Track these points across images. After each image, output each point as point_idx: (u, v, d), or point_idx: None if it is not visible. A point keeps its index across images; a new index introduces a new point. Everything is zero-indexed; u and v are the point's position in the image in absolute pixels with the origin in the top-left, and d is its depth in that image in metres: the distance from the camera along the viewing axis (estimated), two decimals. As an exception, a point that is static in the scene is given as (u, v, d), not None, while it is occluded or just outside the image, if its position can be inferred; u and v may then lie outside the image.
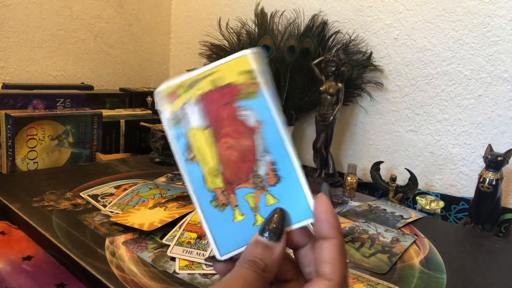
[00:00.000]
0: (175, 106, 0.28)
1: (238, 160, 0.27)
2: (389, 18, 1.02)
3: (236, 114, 0.27)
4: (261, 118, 0.27)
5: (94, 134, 0.97)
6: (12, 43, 1.13)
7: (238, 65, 0.27)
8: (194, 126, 0.28)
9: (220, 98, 0.27)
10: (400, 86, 1.02)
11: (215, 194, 0.28)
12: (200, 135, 0.28)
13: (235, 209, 0.27)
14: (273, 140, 0.27)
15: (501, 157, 0.76)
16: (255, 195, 0.27)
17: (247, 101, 0.27)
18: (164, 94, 0.29)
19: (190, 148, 0.28)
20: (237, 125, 0.27)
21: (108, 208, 0.69)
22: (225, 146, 0.27)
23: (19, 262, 0.56)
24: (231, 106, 0.27)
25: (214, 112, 0.27)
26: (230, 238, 0.27)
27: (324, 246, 0.25)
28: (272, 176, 0.27)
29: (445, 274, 0.58)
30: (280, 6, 1.18)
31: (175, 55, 1.54)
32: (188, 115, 0.28)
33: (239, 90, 0.27)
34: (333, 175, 1.00)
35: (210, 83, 0.28)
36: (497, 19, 0.87)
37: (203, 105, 0.28)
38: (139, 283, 0.49)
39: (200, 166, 0.28)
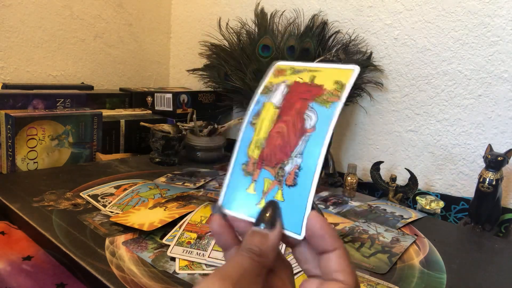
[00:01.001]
0: (275, 80, 0.32)
1: (278, 147, 0.29)
2: (389, 18, 1.02)
3: (304, 111, 0.30)
4: (317, 126, 0.29)
5: (94, 134, 0.97)
6: (12, 43, 1.13)
7: (340, 74, 0.30)
8: (272, 101, 0.31)
9: (305, 92, 0.30)
10: (400, 86, 1.02)
11: (248, 160, 0.30)
12: (271, 110, 0.31)
13: (253, 182, 0.30)
14: (312, 149, 0.28)
15: (501, 157, 0.76)
16: (271, 183, 0.29)
17: (320, 106, 0.29)
18: (278, 68, 0.33)
19: (258, 115, 0.31)
20: (298, 120, 0.29)
21: (108, 208, 0.69)
22: (278, 130, 0.30)
23: (19, 262, 0.56)
24: (306, 102, 0.30)
25: (292, 100, 0.30)
26: (235, 200, 0.30)
27: (331, 257, 0.27)
28: (292, 177, 0.29)
29: (445, 274, 0.58)
30: (280, 6, 1.18)
31: (175, 55, 1.54)
32: (276, 91, 0.31)
33: (322, 93, 0.30)
34: (333, 175, 1.00)
35: (309, 77, 0.31)
36: (497, 19, 0.87)
37: (290, 89, 0.31)
38: (139, 283, 0.49)
39: (254, 132, 0.31)
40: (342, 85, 0.29)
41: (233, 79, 1.12)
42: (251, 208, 0.29)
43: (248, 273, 0.25)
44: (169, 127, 1.02)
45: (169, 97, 1.22)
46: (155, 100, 1.23)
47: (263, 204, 0.29)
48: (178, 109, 1.23)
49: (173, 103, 1.22)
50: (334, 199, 0.85)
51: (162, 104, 1.22)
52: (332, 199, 0.85)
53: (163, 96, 1.22)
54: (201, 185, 0.85)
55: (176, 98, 1.22)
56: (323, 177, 0.99)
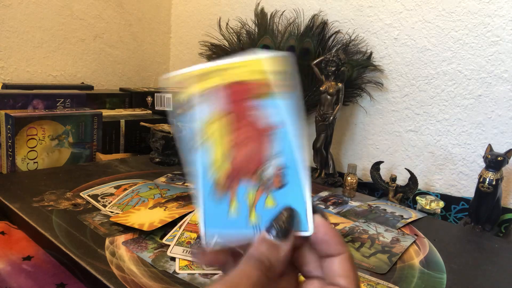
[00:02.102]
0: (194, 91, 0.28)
1: (250, 155, 0.27)
2: (389, 18, 1.02)
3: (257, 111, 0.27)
4: (276, 120, 0.27)
5: (94, 134, 0.97)
6: (12, 43, 1.13)
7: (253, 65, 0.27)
8: (210, 112, 0.28)
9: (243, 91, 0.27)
10: (400, 86, 1.02)
11: (216, 182, 0.28)
12: (216, 121, 0.28)
13: (232, 202, 0.27)
14: (285, 144, 0.27)
15: (501, 157, 0.76)
16: (256, 193, 0.27)
17: (261, 100, 0.27)
18: (181, 79, 0.29)
19: (202, 132, 0.28)
20: (249, 122, 0.27)
21: (108, 208, 0.69)
22: (239, 137, 0.27)
23: (19, 262, 0.56)
24: (253, 101, 0.27)
25: (234, 103, 0.27)
26: (220, 227, 0.27)
27: (335, 261, 0.26)
28: (277, 180, 0.27)
29: (445, 274, 0.58)
30: (280, 6, 1.18)
31: (175, 55, 1.54)
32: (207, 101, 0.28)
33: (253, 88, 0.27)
34: (333, 175, 1.00)
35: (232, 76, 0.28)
36: (497, 19, 0.87)
37: (224, 93, 0.28)
38: (139, 283, 0.49)
39: (209, 153, 0.28)
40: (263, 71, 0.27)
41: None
42: (242, 227, 0.27)
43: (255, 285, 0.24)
44: (169, 127, 1.02)
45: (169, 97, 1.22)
46: (155, 100, 1.23)
47: (254, 217, 0.27)
48: (178, 109, 1.23)
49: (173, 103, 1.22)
50: (334, 199, 0.85)
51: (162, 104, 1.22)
52: (332, 199, 0.85)
53: (163, 96, 1.22)
54: (201, 185, 0.85)
55: (176, 98, 1.22)
56: (323, 177, 0.99)
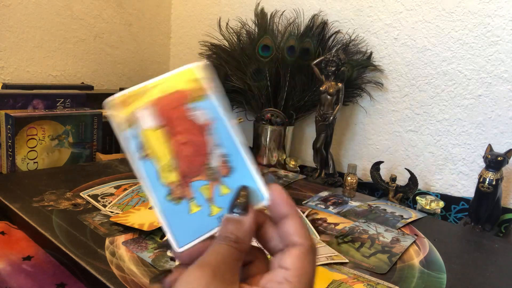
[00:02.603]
0: (127, 112, 0.30)
1: (191, 155, 0.29)
2: (389, 18, 1.02)
3: (186, 115, 0.29)
4: (211, 116, 0.29)
5: (94, 134, 0.97)
6: (12, 43, 1.13)
7: (184, 75, 0.30)
8: (146, 127, 0.30)
9: (170, 102, 0.30)
10: (400, 86, 1.02)
11: (170, 189, 0.29)
12: (153, 134, 0.30)
13: (191, 201, 0.29)
14: (223, 135, 0.29)
15: (501, 157, 0.76)
16: (209, 187, 0.29)
17: (196, 103, 0.29)
18: (115, 102, 0.31)
19: (143, 147, 0.29)
20: (188, 124, 0.29)
21: (108, 208, 0.69)
22: (178, 143, 0.29)
23: (19, 262, 0.56)
24: (181, 108, 0.30)
25: (166, 114, 0.30)
26: (187, 230, 0.28)
27: (287, 222, 0.28)
28: (224, 168, 0.29)
29: (445, 274, 0.58)
30: (280, 6, 1.18)
31: (175, 55, 1.54)
32: (141, 118, 0.30)
33: (187, 95, 0.30)
34: (333, 175, 1.00)
35: (159, 91, 0.30)
36: (497, 19, 0.87)
37: (154, 108, 0.30)
38: (139, 283, 0.49)
39: (154, 162, 0.29)
40: (195, 80, 0.30)
41: (233, 79, 1.12)
42: (208, 223, 0.28)
43: (226, 259, 0.26)
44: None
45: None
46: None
47: (216, 209, 0.29)
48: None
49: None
50: (334, 199, 0.85)
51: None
52: (332, 199, 0.85)
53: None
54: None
55: (176, 98, 1.22)
56: (323, 177, 0.99)
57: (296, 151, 1.21)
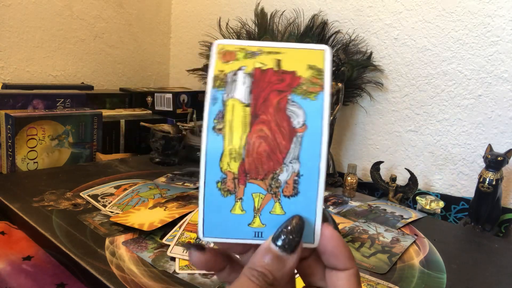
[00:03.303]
0: (226, 67, 0.26)
1: (265, 155, 0.25)
2: (389, 18, 1.02)
3: (286, 107, 0.25)
4: (309, 123, 0.25)
5: (94, 134, 0.97)
6: (12, 43, 1.13)
7: (310, 56, 0.25)
8: (237, 97, 0.25)
9: (276, 81, 0.25)
10: (400, 86, 1.02)
11: (225, 177, 0.25)
12: (239, 109, 0.25)
13: (237, 201, 0.25)
14: (309, 151, 0.24)
15: (501, 157, 0.76)
16: (264, 198, 0.25)
17: (303, 99, 0.25)
18: (223, 49, 0.26)
19: (222, 118, 0.25)
20: (281, 118, 0.25)
21: (108, 208, 0.69)
22: (258, 134, 0.25)
23: (19, 262, 0.56)
24: (284, 95, 0.25)
25: (263, 93, 0.25)
26: (220, 225, 0.25)
27: (341, 276, 0.24)
28: (291, 187, 0.25)
29: (445, 274, 0.58)
30: (280, 6, 1.18)
31: (175, 55, 1.54)
32: (236, 83, 0.25)
33: (300, 82, 0.25)
34: (333, 175, 1.00)
35: (274, 62, 0.25)
36: (497, 19, 0.87)
37: (256, 80, 0.25)
38: (139, 283, 0.49)
39: (224, 141, 0.25)
40: (319, 71, 0.25)
41: (233, 79, 1.11)
42: (243, 230, 0.25)
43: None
44: (169, 127, 1.02)
45: (169, 97, 1.22)
46: (155, 100, 1.23)
47: (258, 223, 0.25)
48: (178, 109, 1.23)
49: (173, 103, 1.22)
50: (334, 199, 0.85)
51: (162, 104, 1.22)
52: (332, 199, 0.85)
53: (163, 96, 1.22)
54: (201, 185, 0.85)
55: (176, 98, 1.22)
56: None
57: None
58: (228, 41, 0.27)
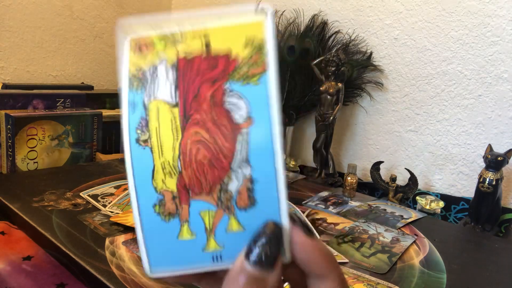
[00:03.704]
0: (144, 62, 0.21)
1: (206, 163, 0.20)
2: (389, 18, 1.02)
3: (223, 100, 0.20)
4: (254, 114, 0.20)
5: (94, 134, 0.97)
6: (12, 43, 1.13)
7: (247, 30, 0.20)
8: (160, 98, 0.20)
9: (207, 69, 0.20)
10: (400, 86, 1.02)
11: (162, 198, 0.21)
12: (166, 112, 0.20)
13: (184, 224, 0.21)
14: (260, 148, 0.20)
15: (501, 157, 0.76)
16: (215, 214, 0.20)
17: (243, 85, 0.20)
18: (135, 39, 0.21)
19: (146, 126, 0.20)
20: (219, 115, 0.20)
21: (108, 208, 0.69)
22: (194, 138, 0.20)
23: (19, 262, 0.56)
24: (220, 86, 0.20)
25: (192, 87, 0.20)
26: (167, 255, 0.21)
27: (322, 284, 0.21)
28: (245, 196, 0.20)
29: (445, 274, 0.58)
30: (280, 6, 1.18)
31: (175, 55, 1.54)
32: (158, 80, 0.20)
33: (236, 66, 0.20)
34: (333, 175, 1.00)
35: (201, 45, 0.20)
36: (497, 19, 0.87)
37: (182, 71, 0.20)
38: (139, 283, 0.49)
39: (153, 154, 0.20)
40: (259, 47, 0.20)
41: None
42: (197, 257, 0.21)
43: None
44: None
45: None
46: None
47: (214, 245, 0.20)
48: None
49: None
50: (334, 199, 0.85)
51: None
52: (332, 199, 0.85)
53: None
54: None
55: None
56: (323, 177, 0.99)
57: (296, 151, 1.21)
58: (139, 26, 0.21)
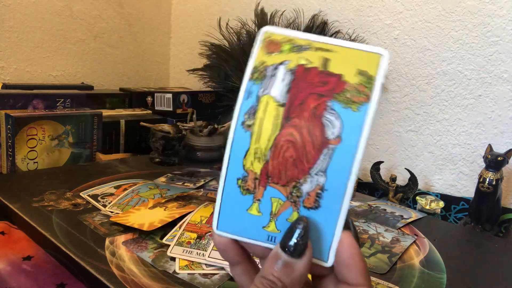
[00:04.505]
0: (268, 58, 0.24)
1: (291, 161, 0.23)
2: (389, 18, 1.02)
3: (323, 114, 0.23)
4: (344, 136, 0.23)
5: (94, 134, 0.97)
6: (12, 43, 1.13)
7: (364, 60, 0.23)
8: (271, 94, 0.24)
9: (318, 83, 0.23)
10: (400, 86, 1.02)
11: (246, 175, 0.24)
12: (272, 108, 0.24)
13: (255, 202, 0.24)
14: (339, 166, 0.23)
15: (501, 157, 0.76)
16: (283, 204, 0.24)
17: (344, 108, 0.23)
18: (270, 38, 0.25)
19: (253, 114, 0.24)
20: (315, 126, 0.23)
21: (108, 208, 0.69)
22: (288, 138, 0.23)
23: (19, 262, 0.56)
24: (323, 100, 0.23)
25: (301, 94, 0.23)
26: (234, 222, 0.25)
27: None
28: (312, 199, 0.23)
29: (445, 274, 0.58)
30: (280, 6, 1.18)
31: (175, 55, 1.54)
32: (274, 78, 0.24)
33: (344, 89, 0.23)
34: (333, 175, 1.00)
35: (320, 60, 0.23)
36: (497, 19, 0.87)
37: (297, 78, 0.23)
38: (139, 283, 0.49)
39: (251, 138, 0.24)
40: (369, 78, 0.23)
41: (233, 79, 1.12)
42: (257, 232, 0.24)
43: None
44: (169, 127, 1.02)
45: (169, 97, 1.22)
46: (155, 100, 1.23)
47: (273, 227, 0.24)
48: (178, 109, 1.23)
49: (173, 103, 1.22)
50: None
51: (162, 104, 1.22)
52: (332, 199, 0.85)
53: (163, 96, 1.22)
54: (201, 185, 0.85)
55: (176, 98, 1.22)
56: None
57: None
58: (276, 29, 0.25)
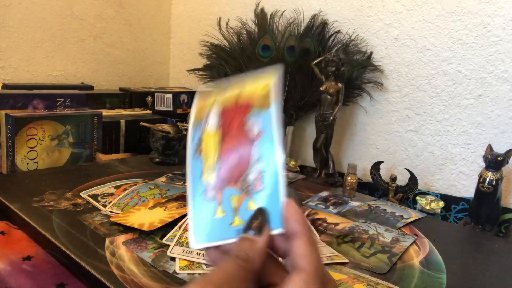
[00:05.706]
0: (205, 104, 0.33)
1: (234, 163, 0.30)
2: (389, 18, 1.02)
3: (244, 122, 0.30)
4: (263, 129, 0.29)
5: (94, 134, 0.97)
6: (12, 43, 1.13)
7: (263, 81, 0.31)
8: (208, 127, 0.32)
9: (238, 107, 0.31)
10: (400, 86, 1.02)
11: (206, 188, 0.30)
12: (212, 135, 0.31)
13: (218, 205, 0.30)
14: (267, 150, 0.29)
15: (501, 157, 0.76)
16: (239, 197, 0.29)
17: (257, 112, 0.30)
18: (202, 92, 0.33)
19: (200, 145, 0.31)
20: (241, 133, 0.30)
21: (108, 208, 0.69)
22: (226, 149, 0.30)
23: (19, 262, 0.56)
24: (243, 115, 0.31)
25: (229, 117, 0.31)
26: (207, 231, 0.30)
27: (295, 242, 0.27)
28: (258, 184, 0.29)
29: (445, 274, 0.58)
30: (280, 6, 1.18)
31: (175, 55, 1.54)
32: (210, 115, 0.32)
33: (255, 102, 0.31)
34: (333, 175, 1.00)
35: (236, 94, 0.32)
36: (497, 19, 0.87)
37: (224, 108, 0.32)
38: (139, 283, 0.49)
39: (202, 160, 0.31)
40: (268, 86, 0.30)
41: (233, 79, 1.11)
42: (227, 231, 0.29)
43: (231, 278, 0.25)
44: (169, 127, 1.02)
45: (169, 97, 1.22)
46: (155, 100, 1.23)
47: (238, 220, 0.29)
48: (178, 109, 1.23)
49: (173, 103, 1.22)
50: (334, 199, 0.85)
51: (162, 104, 1.22)
52: (332, 199, 0.85)
53: (163, 96, 1.22)
54: (201, 185, 0.85)
55: (176, 98, 1.22)
56: (323, 177, 0.99)
57: (296, 151, 1.21)
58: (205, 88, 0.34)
